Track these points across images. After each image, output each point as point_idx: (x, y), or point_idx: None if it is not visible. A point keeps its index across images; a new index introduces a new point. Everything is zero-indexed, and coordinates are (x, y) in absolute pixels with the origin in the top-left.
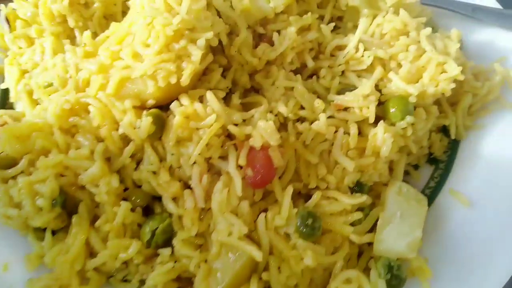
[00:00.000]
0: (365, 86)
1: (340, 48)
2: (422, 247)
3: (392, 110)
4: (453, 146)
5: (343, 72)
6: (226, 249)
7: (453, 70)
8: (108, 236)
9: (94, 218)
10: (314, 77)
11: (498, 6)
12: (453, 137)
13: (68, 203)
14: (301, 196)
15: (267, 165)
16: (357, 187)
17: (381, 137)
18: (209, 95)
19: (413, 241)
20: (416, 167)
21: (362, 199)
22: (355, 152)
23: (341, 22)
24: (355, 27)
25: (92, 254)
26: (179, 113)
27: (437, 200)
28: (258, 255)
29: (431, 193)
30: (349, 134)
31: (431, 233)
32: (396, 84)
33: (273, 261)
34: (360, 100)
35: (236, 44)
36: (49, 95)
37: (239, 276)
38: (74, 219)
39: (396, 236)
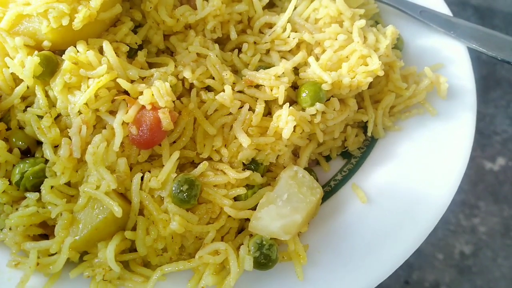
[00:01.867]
0: (280, 66)
1: (270, 25)
2: (309, 235)
3: (303, 95)
4: (370, 144)
5: (268, 51)
6: (93, 202)
7: (374, 64)
8: None
9: None
10: (236, 50)
11: (448, 12)
12: (369, 134)
13: None
14: (194, 165)
15: (154, 126)
16: (253, 165)
17: (284, 119)
18: (105, 46)
19: (290, 224)
20: (328, 158)
21: (245, 174)
22: (257, 130)
23: (280, 1)
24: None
25: None
26: (68, 57)
27: (338, 193)
28: (117, 211)
29: (335, 185)
30: (254, 111)
31: (322, 224)
32: (313, 69)
33: (141, 222)
34: (271, 79)
35: (153, 1)
36: None
37: (100, 230)
38: None
39: (274, 216)
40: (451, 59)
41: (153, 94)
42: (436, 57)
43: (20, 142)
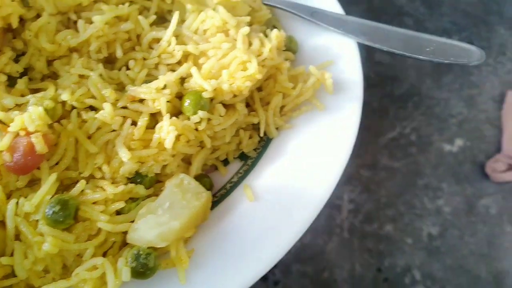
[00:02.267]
0: (160, 80)
1: (158, 41)
2: (197, 239)
3: (185, 104)
4: (266, 144)
5: (157, 65)
6: None
7: (252, 69)
8: None
9: None
10: (124, 68)
11: (341, 11)
12: (261, 134)
13: None
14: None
15: (29, 151)
16: (138, 178)
17: (166, 129)
18: None
19: (167, 232)
20: (227, 162)
21: (119, 189)
22: (140, 143)
23: (170, 16)
24: (183, 21)
25: None
26: None
27: (232, 195)
28: None
29: (231, 187)
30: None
31: (211, 227)
32: (195, 79)
33: (18, 246)
34: (152, 92)
35: (33, 29)
36: None
37: None
38: None
39: (151, 225)
40: (341, 56)
41: (23, 121)
42: (328, 54)
43: None
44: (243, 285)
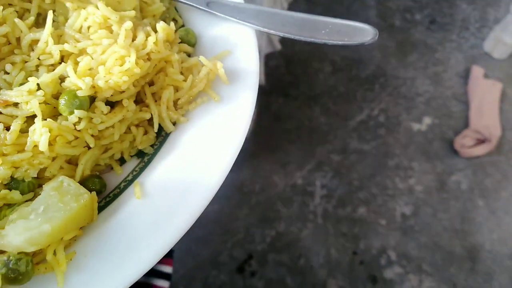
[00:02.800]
0: (31, 82)
1: (37, 42)
2: (82, 240)
3: (61, 104)
4: (164, 139)
5: (37, 67)
6: None
7: (128, 63)
8: None
9: None
10: (2, 71)
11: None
12: (155, 130)
13: None
14: None
15: None
16: (14, 183)
17: (38, 132)
18: None
19: (37, 236)
20: (124, 160)
21: None
22: (13, 148)
23: (56, 17)
24: (67, 20)
25: None
26: None
27: (124, 194)
28: None
29: (124, 186)
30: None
31: (97, 227)
32: (70, 78)
33: None
34: (24, 95)
35: None
36: None
37: None
38: None
39: (20, 231)
40: (238, 45)
41: None
42: (226, 44)
43: None
44: (123, 284)
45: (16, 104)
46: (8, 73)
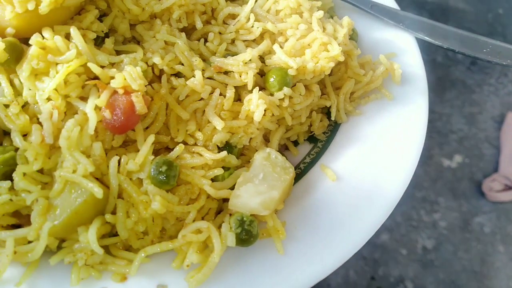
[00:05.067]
0: (247, 53)
1: (233, 16)
2: (285, 213)
3: (271, 80)
4: (334, 128)
5: (233, 41)
6: (70, 187)
7: (334, 50)
8: None
9: None
10: (202, 39)
11: (396, 6)
12: (333, 118)
13: None
14: (168, 150)
15: (128, 110)
16: (227, 148)
17: (255, 102)
18: (73, 31)
19: (268, 200)
20: (296, 143)
21: (221, 155)
22: (229, 114)
23: None
24: (255, 0)
25: None
26: (35, 42)
27: (308, 174)
28: (98, 192)
29: (305, 167)
30: (225, 96)
31: (296, 202)
32: (279, 56)
33: (121, 205)
34: (240, 65)
35: None
36: None
37: (79, 214)
38: None
39: (252, 193)
40: (402, 49)
41: (125, 78)
42: (388, 47)
43: None
44: (340, 261)
45: (226, 73)
46: (206, 42)
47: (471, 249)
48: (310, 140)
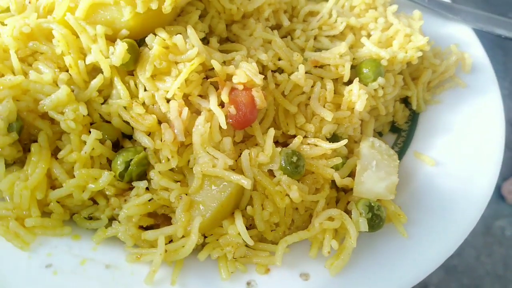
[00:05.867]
0: (341, 46)
1: (312, 14)
2: (396, 198)
3: (365, 71)
4: (414, 118)
5: (315, 37)
6: (209, 182)
7: (420, 40)
8: (73, 169)
9: (54, 152)
10: (289, 37)
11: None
12: (414, 108)
13: (24, 133)
14: (279, 145)
15: (250, 104)
16: (333, 139)
17: (356, 93)
18: (190, 31)
19: (391, 184)
20: (380, 134)
21: (342, 143)
22: (332, 106)
23: None
24: None
25: (54, 188)
26: (157, 43)
27: (402, 162)
28: (246, 183)
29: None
30: (325, 89)
31: (400, 187)
32: (369, 48)
33: (257, 197)
34: (336, 58)
35: None
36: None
37: (224, 207)
38: (34, 148)
39: (375, 180)
40: (462, 40)
41: (247, 74)
42: (449, 38)
43: (106, 136)
44: (461, 238)
45: (320, 67)
46: (292, 39)
47: (494, 253)
48: (392, 131)
